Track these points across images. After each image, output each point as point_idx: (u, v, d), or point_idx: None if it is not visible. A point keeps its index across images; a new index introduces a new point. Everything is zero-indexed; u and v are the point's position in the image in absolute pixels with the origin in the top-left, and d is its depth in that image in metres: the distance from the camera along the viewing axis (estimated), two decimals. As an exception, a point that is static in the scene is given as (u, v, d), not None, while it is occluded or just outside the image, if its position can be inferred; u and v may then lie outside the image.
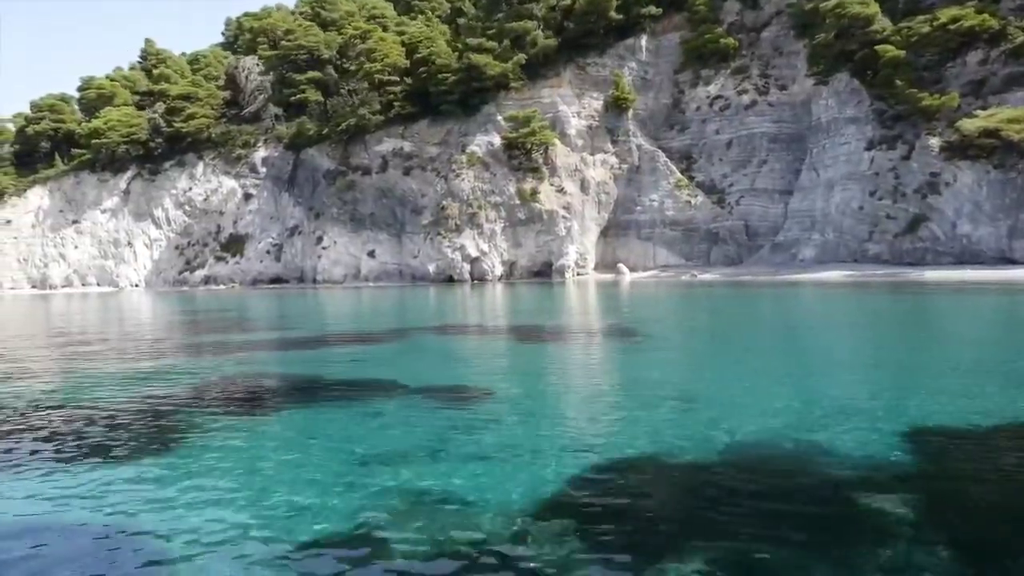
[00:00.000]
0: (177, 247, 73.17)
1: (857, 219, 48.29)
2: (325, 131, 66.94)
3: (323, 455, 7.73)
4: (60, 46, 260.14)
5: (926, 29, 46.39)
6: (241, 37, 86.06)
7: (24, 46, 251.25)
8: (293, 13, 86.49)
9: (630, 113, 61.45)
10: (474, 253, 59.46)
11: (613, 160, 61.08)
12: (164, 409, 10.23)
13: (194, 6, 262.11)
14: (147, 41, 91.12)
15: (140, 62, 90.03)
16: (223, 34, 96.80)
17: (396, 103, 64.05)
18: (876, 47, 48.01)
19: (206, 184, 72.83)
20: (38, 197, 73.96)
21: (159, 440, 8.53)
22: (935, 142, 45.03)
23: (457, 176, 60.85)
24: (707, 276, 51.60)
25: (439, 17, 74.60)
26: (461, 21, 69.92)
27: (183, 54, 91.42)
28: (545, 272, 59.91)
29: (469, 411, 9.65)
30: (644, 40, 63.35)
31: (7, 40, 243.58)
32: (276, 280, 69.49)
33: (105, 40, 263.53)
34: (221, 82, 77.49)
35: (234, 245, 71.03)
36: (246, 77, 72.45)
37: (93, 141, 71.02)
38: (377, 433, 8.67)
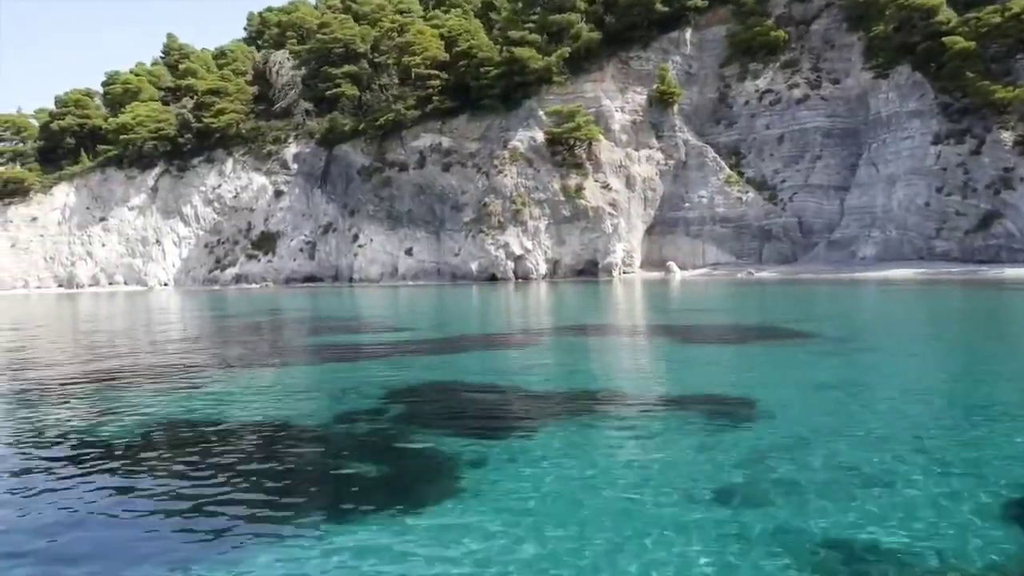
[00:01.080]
0: (207, 245, 71.72)
1: (923, 216, 46.92)
2: (360, 126, 65.49)
3: (650, 493, 5.96)
4: (76, 43, 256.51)
5: (997, 19, 45.02)
6: (267, 32, 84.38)
7: (39, 42, 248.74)
8: (317, 7, 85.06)
9: (675, 108, 60.05)
10: (518, 251, 58.05)
11: (659, 156, 59.66)
12: (386, 432, 8.72)
13: (211, 4, 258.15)
14: (169, 36, 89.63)
15: (162, 57, 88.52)
16: (245, 29, 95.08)
17: (435, 97, 62.55)
18: (943, 39, 46.62)
19: (236, 181, 71.37)
20: (64, 194, 72.48)
21: (416, 476, 6.88)
22: (1008, 136, 43.70)
23: (499, 172, 59.43)
24: (764, 274, 50.26)
25: (472, 10, 73.07)
26: (495, 16, 68.49)
27: (203, 50, 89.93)
28: (589, 271, 58.51)
29: (761, 430, 8.18)
30: (688, 33, 62.00)
31: (25, 36, 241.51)
32: (309, 279, 68.09)
33: (120, 36, 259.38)
34: (249, 77, 75.98)
35: (266, 243, 69.60)
36: (277, 72, 70.96)
37: (121, 137, 69.52)
38: (692, 462, 7.02)
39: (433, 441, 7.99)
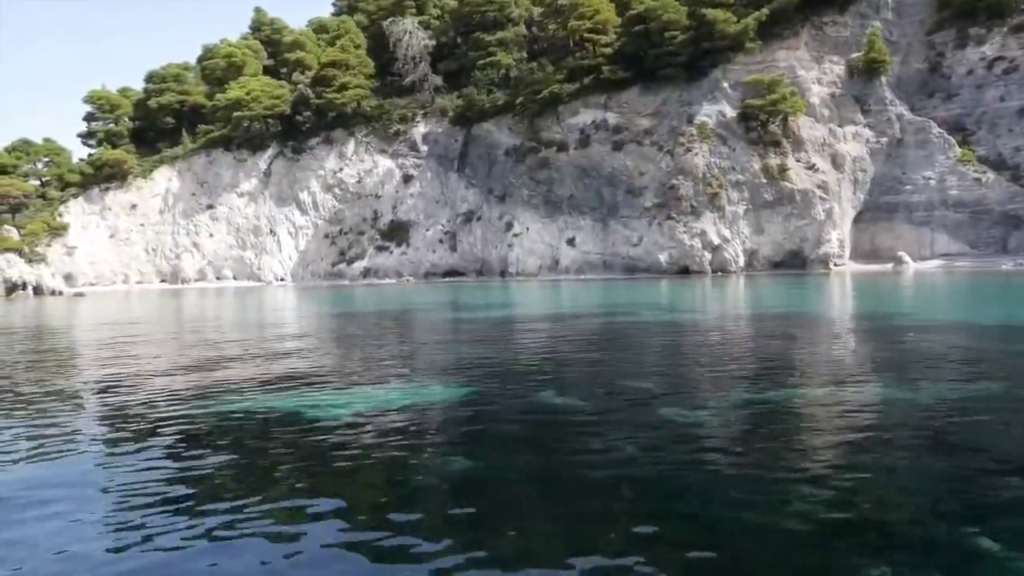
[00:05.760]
0: (327, 235, 64.35)
1: None
2: (518, 101, 58.12)
3: None
4: (139, 21, 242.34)
5: None
6: (369, 2, 76.67)
7: (105, 21, 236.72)
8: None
9: (884, 79, 53.02)
10: (716, 240, 50.93)
11: (867, 133, 52.59)
12: None
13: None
14: (257, 11, 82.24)
15: (251, 33, 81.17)
16: (334, 4, 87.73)
17: (605, 67, 55.26)
18: None
19: (359, 164, 64.08)
20: (165, 179, 65.02)
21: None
22: None
23: (688, 151, 52.28)
24: (1033, 266, 43.15)
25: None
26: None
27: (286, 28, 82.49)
28: (790, 263, 51.40)
29: None
30: (890, -4, 55.05)
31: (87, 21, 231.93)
32: (450, 273, 60.75)
33: (186, 13, 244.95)
34: (362, 50, 68.57)
35: (398, 233, 62.26)
36: (407, 42, 63.54)
37: (234, 114, 62.05)
38: None
39: None
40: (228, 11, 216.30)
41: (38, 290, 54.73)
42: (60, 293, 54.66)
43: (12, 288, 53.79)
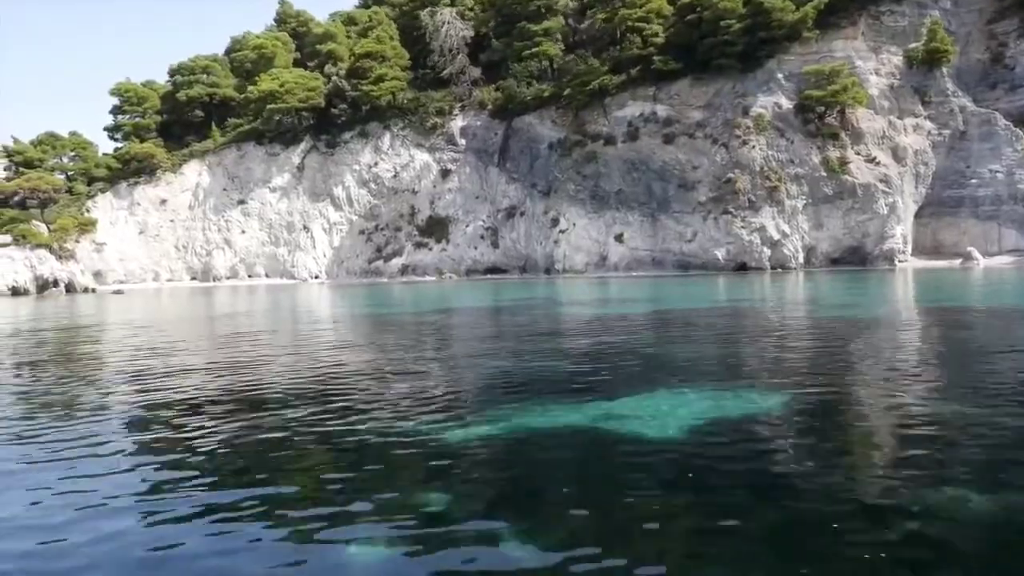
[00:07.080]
0: (362, 232, 62.52)
1: None
2: (563, 93, 56.33)
3: None
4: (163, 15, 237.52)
5: None
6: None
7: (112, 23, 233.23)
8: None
9: (945, 69, 51.41)
10: (775, 235, 49.26)
11: (929, 125, 50.98)
12: None
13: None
14: (283, 3, 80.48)
15: (275, 26, 79.34)
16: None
17: (656, 58, 53.51)
18: None
19: (395, 158, 62.27)
20: (195, 173, 63.10)
21: None
22: None
23: (744, 143, 50.59)
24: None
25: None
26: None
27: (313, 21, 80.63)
28: (849, 259, 49.78)
29: None
30: (949, -15, 53.43)
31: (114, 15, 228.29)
32: (491, 270, 58.99)
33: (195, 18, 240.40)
34: (395, 41, 66.72)
35: (437, 229, 60.47)
36: (445, 32, 61.71)
37: (267, 107, 60.17)
38: None
39: None
40: (246, 7, 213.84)
41: (70, 287, 52.77)
42: (93, 291, 52.75)
43: (43, 286, 51.85)
